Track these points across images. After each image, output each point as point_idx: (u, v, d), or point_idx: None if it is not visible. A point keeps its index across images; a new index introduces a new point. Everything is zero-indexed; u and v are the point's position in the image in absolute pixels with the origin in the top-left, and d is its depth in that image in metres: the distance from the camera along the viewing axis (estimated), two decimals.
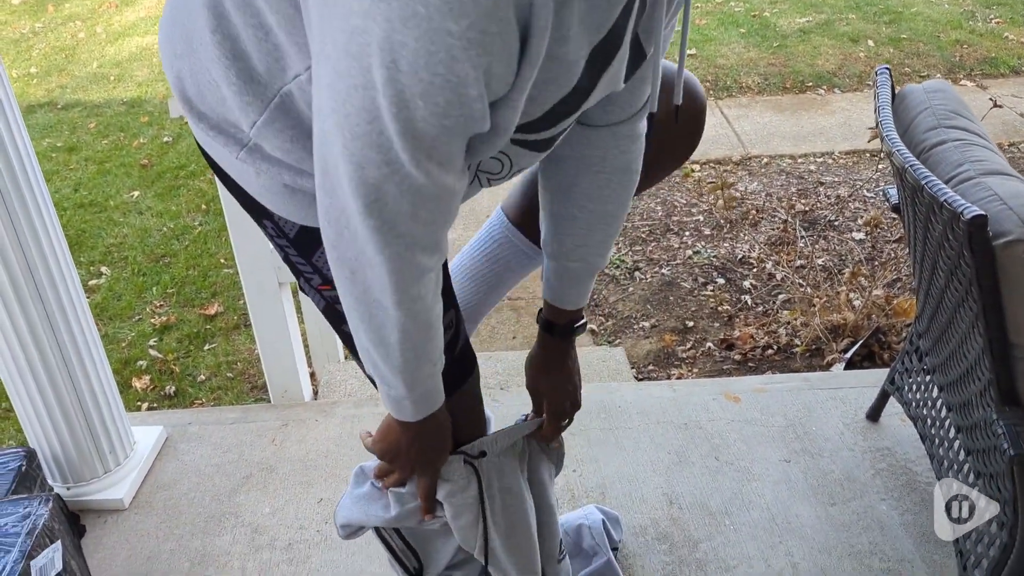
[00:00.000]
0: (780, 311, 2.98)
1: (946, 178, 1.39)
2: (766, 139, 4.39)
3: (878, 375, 2.11)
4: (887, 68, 1.70)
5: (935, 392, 1.72)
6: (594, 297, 3.21)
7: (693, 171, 4.08)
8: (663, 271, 3.32)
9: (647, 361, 2.82)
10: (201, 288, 3.47)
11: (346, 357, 2.71)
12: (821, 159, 4.16)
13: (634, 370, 2.75)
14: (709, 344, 2.88)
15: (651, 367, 2.80)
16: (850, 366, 2.59)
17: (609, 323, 3.06)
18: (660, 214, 3.73)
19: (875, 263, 3.20)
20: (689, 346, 2.88)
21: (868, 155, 4.16)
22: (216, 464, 2.04)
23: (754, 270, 3.26)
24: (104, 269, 3.64)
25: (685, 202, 3.81)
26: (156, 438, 2.07)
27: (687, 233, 3.57)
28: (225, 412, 2.26)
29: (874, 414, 2.06)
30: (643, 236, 3.57)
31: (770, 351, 2.78)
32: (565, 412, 1.29)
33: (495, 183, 1.02)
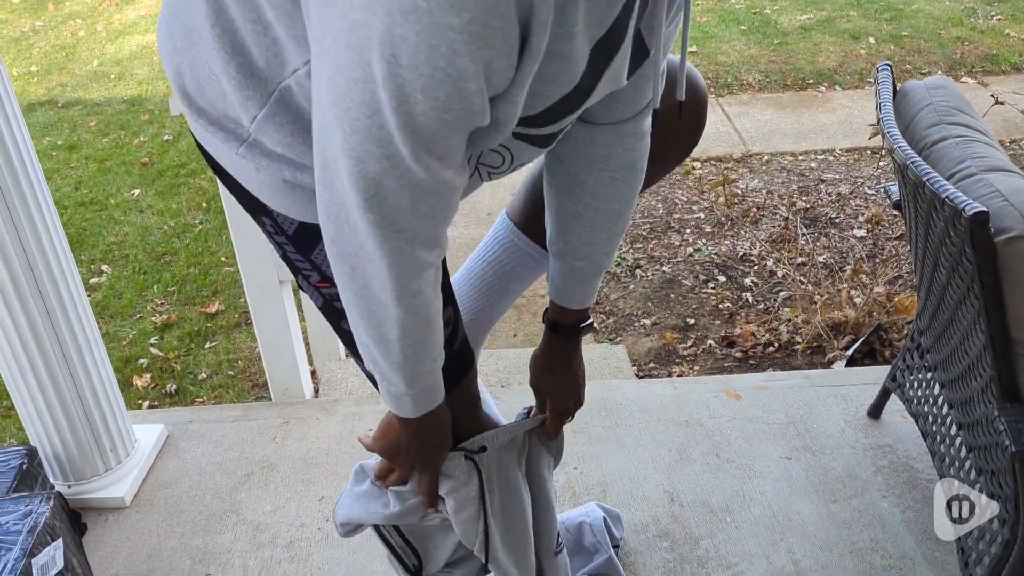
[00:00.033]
0: (781, 308, 2.98)
1: (948, 175, 1.39)
2: (767, 136, 4.38)
3: (879, 372, 2.11)
4: (888, 65, 1.70)
5: (936, 389, 1.71)
6: None
7: (694, 168, 4.08)
8: (664, 269, 3.32)
9: (648, 359, 2.82)
10: (202, 286, 3.47)
11: (347, 355, 2.71)
12: (822, 156, 4.16)
13: (635, 368, 2.75)
14: (710, 341, 2.88)
15: (652, 365, 2.80)
16: (851, 363, 2.59)
17: (610, 321, 3.06)
18: (661, 211, 3.72)
19: (876, 260, 3.20)
20: (690, 343, 2.88)
21: (869, 152, 4.16)
22: (217, 462, 2.04)
23: (755, 267, 3.26)
24: (105, 267, 3.64)
25: (686, 199, 3.80)
26: (157, 436, 2.07)
27: (688, 231, 3.57)
28: (226, 410, 2.26)
29: (875, 411, 2.06)
30: (644, 234, 3.57)
31: (771, 348, 2.78)
32: (568, 410, 1.29)
33: (496, 176, 1.01)
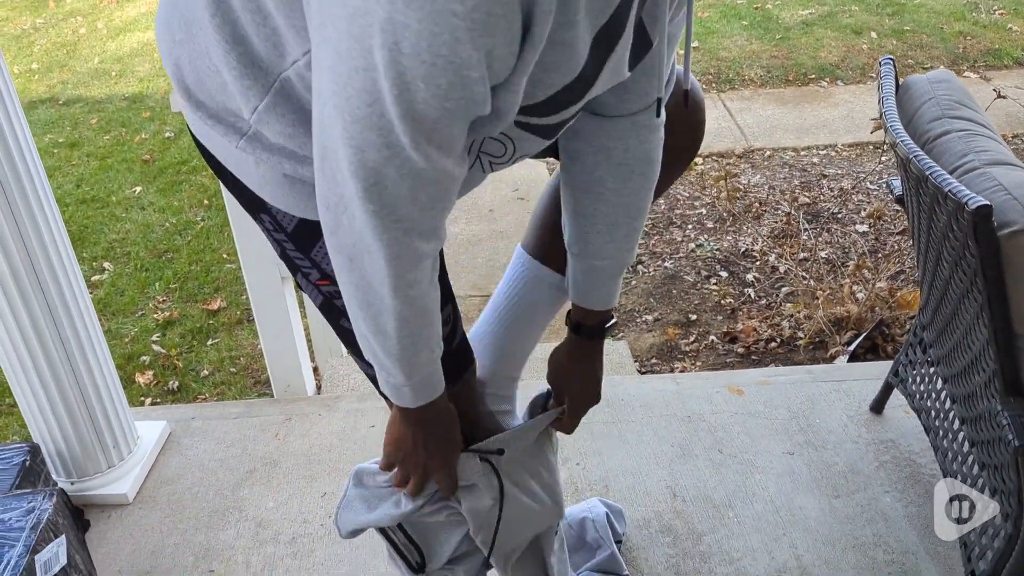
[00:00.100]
0: (783, 304, 2.98)
1: (950, 168, 1.39)
2: (769, 132, 4.38)
3: (882, 367, 2.11)
4: (891, 59, 1.70)
5: (939, 384, 1.71)
6: None
7: (696, 164, 4.07)
8: (666, 264, 3.31)
9: (650, 354, 2.82)
10: (204, 283, 3.48)
11: (347, 352, 2.71)
12: (824, 151, 4.15)
13: (637, 363, 2.75)
14: (712, 337, 2.87)
15: (654, 360, 2.80)
16: (853, 358, 2.58)
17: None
18: (663, 207, 3.72)
19: (879, 255, 3.19)
20: (692, 339, 2.88)
21: (871, 147, 4.15)
22: (220, 459, 2.04)
23: (757, 263, 3.25)
24: (107, 265, 3.64)
25: (688, 195, 3.80)
26: (159, 433, 2.08)
27: (690, 226, 3.56)
28: (228, 407, 2.26)
29: (878, 406, 2.05)
30: (646, 230, 3.56)
31: (773, 344, 2.78)
32: (587, 407, 1.29)
33: (498, 167, 1.00)
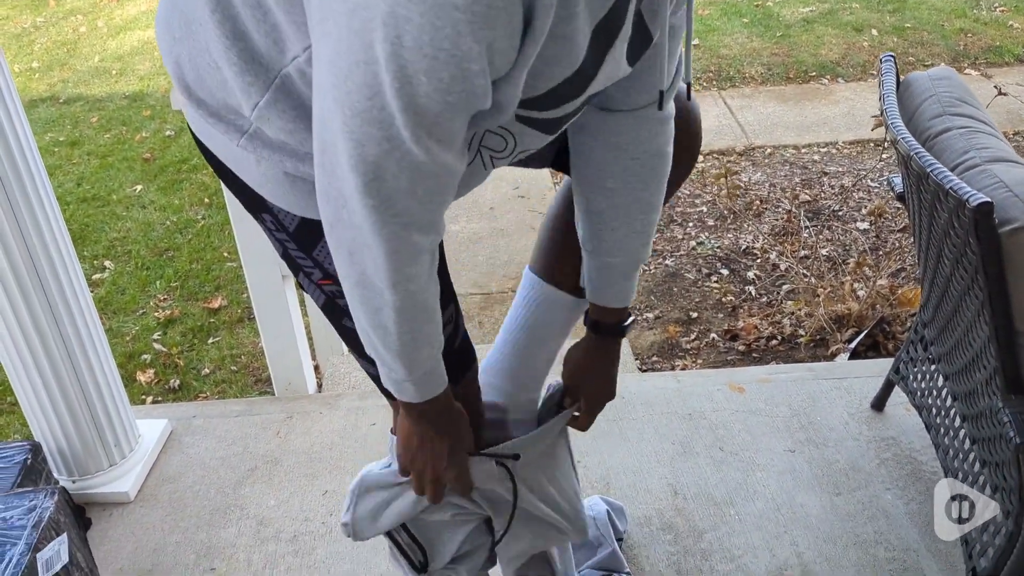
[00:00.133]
0: (784, 301, 2.97)
1: (951, 165, 1.39)
2: (769, 129, 4.37)
3: (883, 365, 2.11)
4: (891, 56, 1.69)
5: (940, 381, 1.71)
6: None
7: (697, 162, 4.07)
8: (667, 262, 3.31)
9: (651, 352, 2.82)
10: (205, 282, 3.48)
11: (348, 350, 2.71)
12: (825, 149, 4.15)
13: (638, 361, 2.75)
14: (713, 335, 2.87)
15: (655, 358, 2.80)
16: (854, 356, 2.58)
17: None
18: (664, 205, 3.72)
19: (879, 253, 3.19)
20: (693, 337, 2.88)
21: (872, 145, 4.14)
22: (221, 457, 2.04)
23: (758, 261, 3.25)
24: (108, 263, 3.64)
25: (688, 193, 3.80)
26: (161, 431, 2.08)
27: (691, 224, 3.56)
28: (229, 405, 2.26)
29: (879, 404, 2.05)
30: None
31: (774, 342, 2.77)
32: (602, 405, 1.28)
33: (499, 162, 1.00)
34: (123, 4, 7.18)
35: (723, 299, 3.06)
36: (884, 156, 3.98)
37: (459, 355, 1.12)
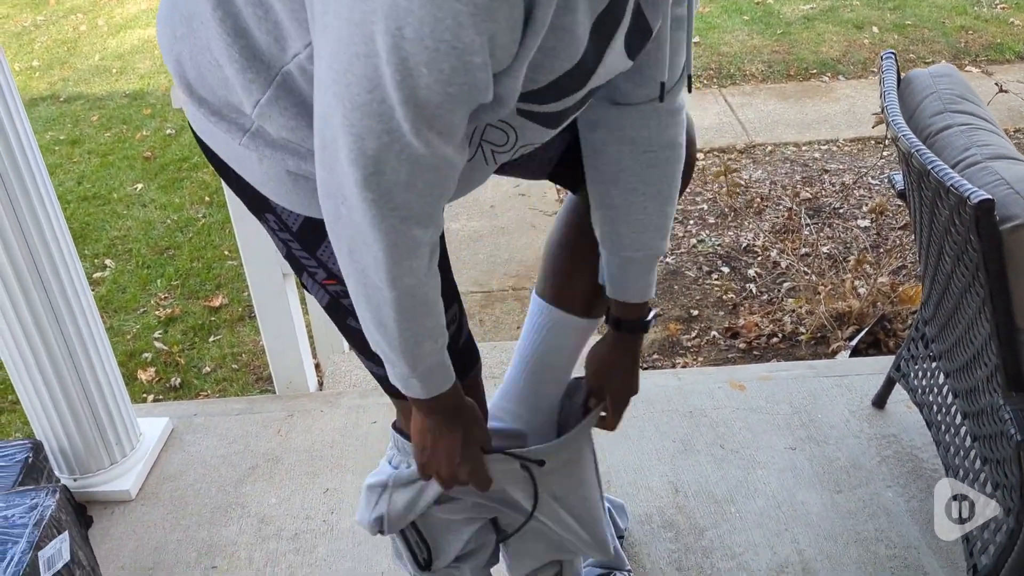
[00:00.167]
0: (785, 299, 2.97)
1: (952, 163, 1.38)
2: (770, 127, 4.37)
3: (884, 362, 2.11)
4: (892, 53, 1.69)
5: (941, 378, 1.71)
6: None
7: (697, 159, 4.06)
8: (668, 260, 3.31)
9: (652, 350, 2.82)
10: (205, 280, 3.48)
11: (350, 348, 2.71)
12: (826, 146, 4.15)
13: None
14: (714, 333, 2.87)
15: (656, 356, 2.80)
16: (855, 354, 2.58)
17: None
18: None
19: (880, 250, 3.19)
20: (694, 335, 2.88)
21: (873, 142, 4.14)
22: (222, 455, 2.04)
23: (759, 258, 3.25)
24: (108, 262, 3.65)
25: (689, 191, 3.79)
26: (162, 430, 2.08)
27: (691, 222, 3.56)
28: (230, 403, 2.26)
29: (880, 401, 2.05)
30: None
31: (775, 339, 2.77)
32: (628, 402, 1.28)
33: (500, 157, 1.00)
34: (123, 2, 7.18)
35: (724, 297, 3.05)
36: (885, 153, 3.98)
37: (463, 355, 1.12)
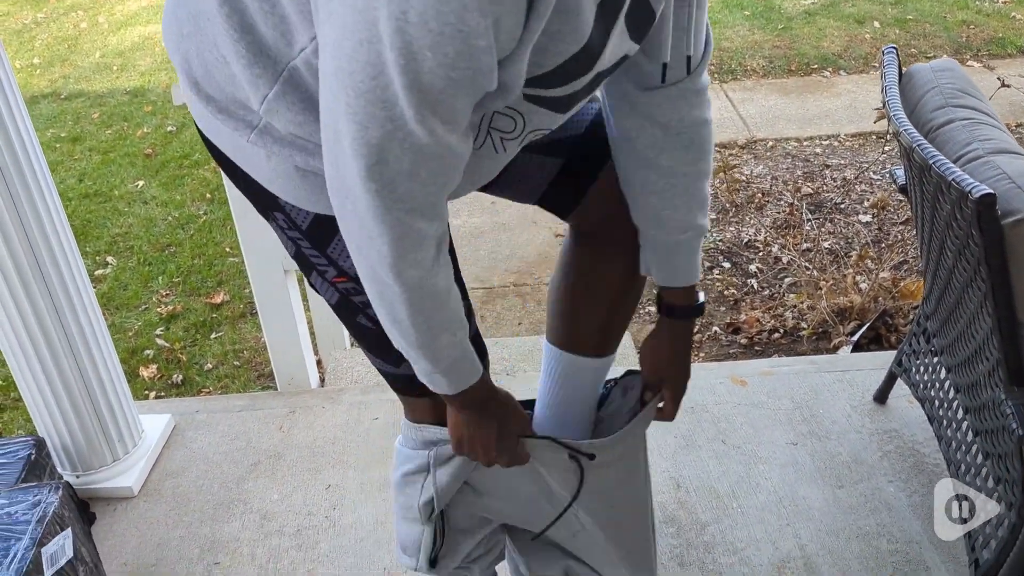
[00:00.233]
0: (786, 294, 2.97)
1: (954, 157, 1.38)
2: (771, 122, 4.37)
3: (885, 357, 2.11)
4: (894, 48, 1.69)
5: (943, 373, 1.71)
6: None
7: None
8: None
9: None
10: (207, 277, 3.48)
11: (352, 344, 2.71)
12: (827, 142, 4.14)
13: (639, 354, 2.74)
14: (715, 328, 2.87)
15: None
16: (857, 349, 2.58)
17: None
18: None
19: (882, 245, 3.19)
20: (695, 330, 2.88)
21: (874, 137, 4.14)
22: (224, 452, 2.04)
23: (760, 254, 3.25)
24: (110, 259, 3.65)
25: None
26: (164, 426, 2.08)
27: None
28: (232, 400, 2.26)
29: (881, 396, 2.05)
30: None
31: (776, 335, 2.77)
32: (684, 389, 1.28)
33: (509, 144, 0.99)
34: (123, 0, 7.18)
35: (725, 292, 3.05)
36: (886, 148, 3.98)
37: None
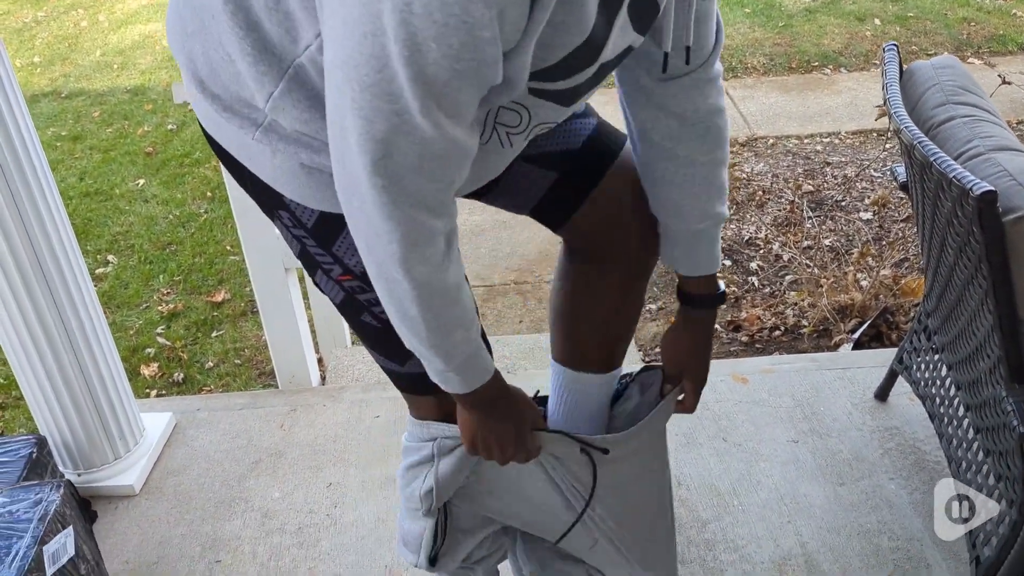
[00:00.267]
0: (787, 292, 2.97)
1: (955, 154, 1.38)
2: (772, 120, 4.36)
3: (886, 355, 2.11)
4: (895, 45, 1.69)
5: (944, 371, 1.71)
6: None
7: None
8: None
9: (654, 343, 2.82)
10: (208, 275, 3.48)
11: (353, 342, 2.71)
12: (828, 139, 4.14)
13: (641, 352, 2.75)
14: (716, 326, 2.87)
15: (658, 349, 2.79)
16: (858, 346, 2.58)
17: None
18: None
19: (883, 243, 3.18)
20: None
21: (875, 134, 4.13)
22: (225, 450, 2.05)
23: (761, 251, 3.25)
24: (111, 257, 3.65)
25: None
26: (165, 424, 2.08)
27: None
28: (233, 398, 2.27)
29: (882, 394, 2.05)
30: None
31: (777, 332, 2.77)
32: (705, 381, 1.27)
33: (515, 138, 0.99)
34: None
35: (726, 290, 3.05)
36: (887, 146, 3.97)
37: None
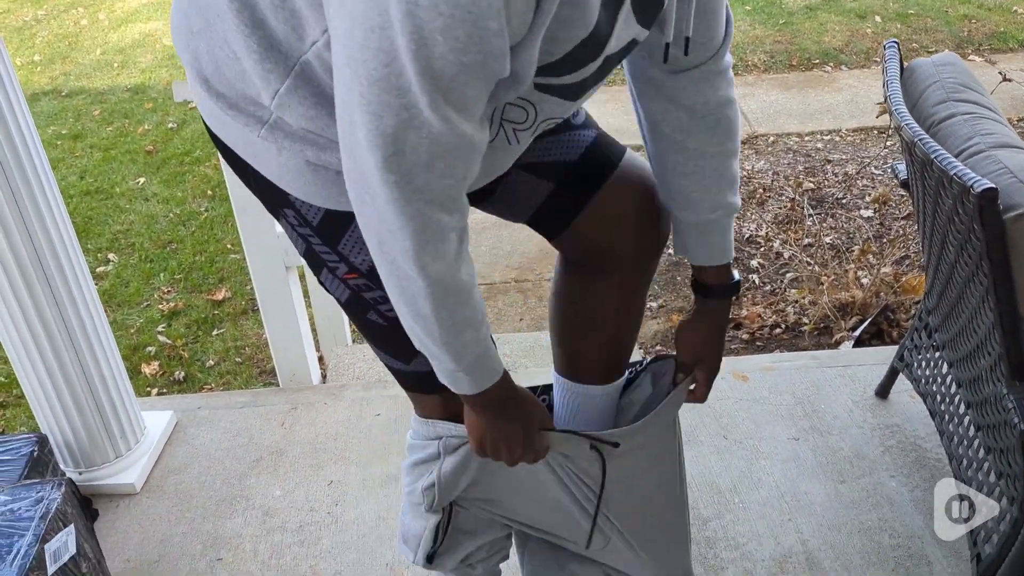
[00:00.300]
0: (788, 290, 2.97)
1: (956, 152, 1.38)
2: (772, 117, 4.36)
3: (887, 352, 2.11)
4: (895, 42, 1.68)
5: (944, 368, 1.71)
6: None
7: None
8: (670, 251, 3.30)
9: (655, 341, 2.82)
10: (208, 274, 3.48)
11: (354, 340, 2.71)
12: (828, 137, 4.13)
13: (642, 350, 2.75)
14: None
15: (659, 347, 2.80)
16: (859, 344, 2.58)
17: None
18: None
19: (883, 240, 3.18)
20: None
21: (876, 132, 4.13)
22: (226, 448, 2.05)
23: (762, 249, 3.25)
24: (111, 256, 3.65)
25: None
26: (166, 423, 2.08)
27: None
28: (234, 396, 2.27)
29: (883, 391, 2.05)
30: None
31: (778, 330, 2.77)
32: (717, 371, 1.27)
33: (522, 135, 0.99)
34: None
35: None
36: (888, 143, 3.97)
37: None
